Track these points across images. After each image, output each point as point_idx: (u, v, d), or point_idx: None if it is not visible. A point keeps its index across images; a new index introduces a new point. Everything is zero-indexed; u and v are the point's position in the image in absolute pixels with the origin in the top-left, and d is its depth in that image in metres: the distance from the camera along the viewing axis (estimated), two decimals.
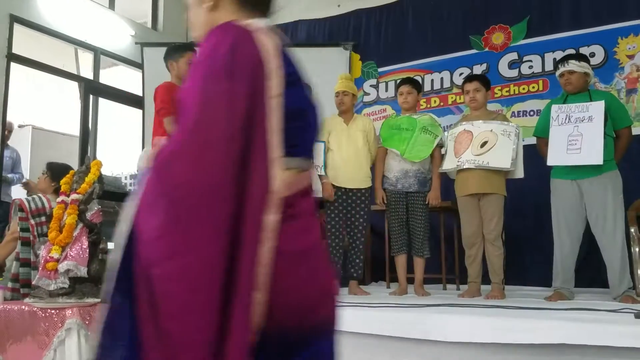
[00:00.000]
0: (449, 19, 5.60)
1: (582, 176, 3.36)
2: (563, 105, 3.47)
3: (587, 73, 3.47)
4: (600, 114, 3.27)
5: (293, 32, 6.47)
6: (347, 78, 4.12)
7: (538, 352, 2.14)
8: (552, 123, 3.45)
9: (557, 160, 3.41)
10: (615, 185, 3.35)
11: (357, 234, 3.96)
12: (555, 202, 3.52)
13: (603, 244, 3.32)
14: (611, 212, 3.28)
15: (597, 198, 3.32)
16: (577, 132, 3.31)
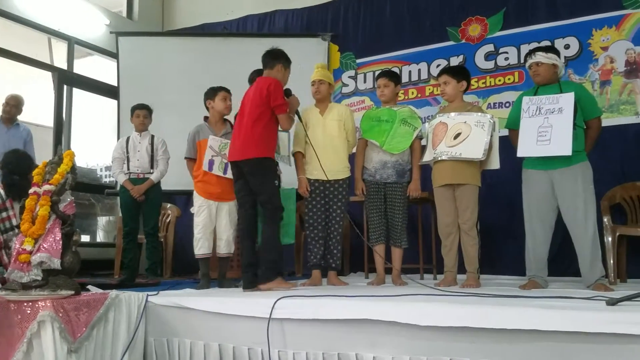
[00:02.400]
0: (426, 10, 5.63)
1: (553, 167, 3.39)
2: (534, 97, 3.49)
3: (555, 64, 3.49)
4: (570, 106, 3.29)
5: (270, 22, 6.45)
6: (322, 67, 4.12)
7: (511, 337, 2.17)
8: (522, 115, 3.47)
9: (526, 151, 3.44)
10: (586, 175, 3.38)
11: (335, 224, 3.97)
12: (526, 192, 3.55)
13: (574, 234, 3.36)
14: (582, 202, 3.32)
15: (568, 188, 3.36)
16: (547, 123, 3.33)
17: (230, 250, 3.91)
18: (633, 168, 4.41)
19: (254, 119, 3.45)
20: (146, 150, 4.77)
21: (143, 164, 4.76)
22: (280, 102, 3.44)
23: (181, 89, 5.90)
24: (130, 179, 4.73)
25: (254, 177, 3.47)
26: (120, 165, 4.77)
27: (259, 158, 3.44)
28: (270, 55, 3.63)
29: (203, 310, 2.82)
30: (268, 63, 3.61)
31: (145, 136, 4.82)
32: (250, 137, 3.45)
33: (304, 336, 2.56)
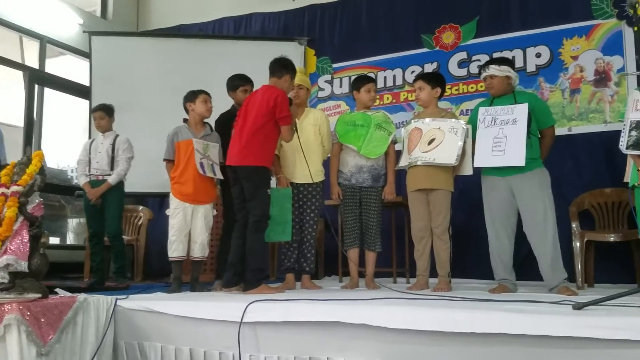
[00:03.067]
0: (401, 17, 5.68)
1: (511, 173, 3.47)
2: (489, 107, 3.58)
3: (509, 76, 3.58)
4: (523, 117, 3.39)
5: (247, 24, 6.44)
6: (301, 72, 4.13)
7: (480, 340, 2.20)
8: (479, 125, 3.56)
9: (482, 161, 3.52)
10: (543, 181, 3.47)
11: (309, 228, 3.97)
12: (486, 197, 3.63)
13: (534, 237, 3.43)
14: (541, 206, 3.39)
15: (527, 193, 3.44)
16: (502, 134, 3.43)
17: (204, 253, 3.88)
18: (601, 175, 4.51)
19: (258, 127, 3.50)
20: (106, 152, 4.64)
21: (102, 165, 4.63)
22: (286, 114, 3.50)
23: (155, 90, 5.84)
24: (90, 181, 4.62)
25: (249, 183, 3.52)
26: (84, 168, 4.66)
27: (257, 166, 3.50)
28: (280, 63, 3.67)
29: (173, 314, 2.80)
30: (277, 72, 3.66)
31: (109, 137, 4.72)
32: (251, 144, 3.50)
33: (276, 340, 2.56)
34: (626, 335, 2.00)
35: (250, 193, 3.52)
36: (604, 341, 2.04)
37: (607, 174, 4.46)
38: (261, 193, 3.50)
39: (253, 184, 3.51)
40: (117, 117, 4.99)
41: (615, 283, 4.25)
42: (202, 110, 3.93)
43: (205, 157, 3.83)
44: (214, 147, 3.90)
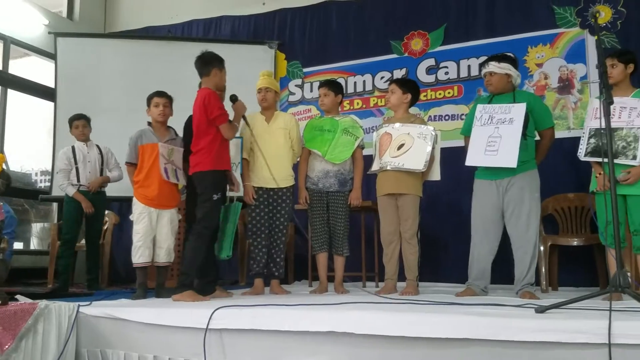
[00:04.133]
0: (370, 23, 5.72)
1: (502, 176, 3.43)
2: (487, 105, 3.51)
3: (509, 74, 3.51)
4: (520, 117, 3.32)
5: (216, 27, 6.41)
6: (268, 74, 4.10)
7: (444, 344, 2.22)
8: (475, 123, 3.49)
9: (474, 160, 3.46)
10: (532, 184, 3.43)
11: (279, 233, 3.96)
12: (475, 202, 3.57)
13: (515, 240, 3.42)
14: (526, 210, 3.37)
15: (514, 196, 3.40)
16: (497, 133, 3.35)
17: (170, 259, 3.83)
18: (565, 180, 4.60)
19: (201, 132, 3.47)
20: (97, 161, 4.72)
21: (95, 175, 4.70)
22: (217, 114, 3.42)
23: (122, 92, 5.76)
24: (80, 191, 4.63)
25: (198, 190, 3.50)
26: (67, 177, 4.64)
27: (205, 172, 3.45)
28: (202, 61, 3.58)
29: (137, 321, 2.75)
30: (203, 70, 3.58)
31: (92, 146, 4.76)
32: (199, 150, 3.47)
33: (242, 346, 2.54)
34: (585, 338, 2.04)
35: (198, 200, 3.49)
36: (565, 344, 2.08)
37: (570, 179, 4.56)
38: (206, 201, 3.44)
39: (200, 189, 3.48)
40: None
41: (578, 286, 4.34)
42: (154, 115, 3.85)
43: (169, 162, 3.78)
44: (178, 151, 3.84)
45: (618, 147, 3.21)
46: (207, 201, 3.43)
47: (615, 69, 3.34)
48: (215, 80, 3.57)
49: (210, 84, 3.56)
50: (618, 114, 3.26)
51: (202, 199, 3.45)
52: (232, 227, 3.75)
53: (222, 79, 3.64)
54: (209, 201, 3.43)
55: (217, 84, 3.59)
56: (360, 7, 5.79)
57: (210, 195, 3.43)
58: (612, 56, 3.37)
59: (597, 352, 2.03)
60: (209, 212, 3.44)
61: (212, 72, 3.55)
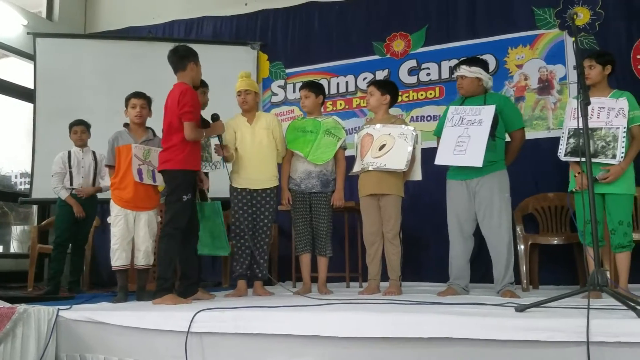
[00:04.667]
0: (352, 24, 5.73)
1: (471, 176, 3.50)
2: (459, 107, 3.59)
3: (479, 78, 3.59)
4: (489, 118, 3.39)
5: (198, 28, 6.38)
6: (247, 76, 4.05)
7: (426, 343, 2.23)
8: (446, 124, 3.56)
9: (443, 160, 3.52)
10: (502, 184, 3.50)
11: (262, 234, 3.95)
12: (449, 202, 3.65)
13: (489, 240, 3.48)
14: (497, 210, 3.44)
15: (484, 196, 3.47)
16: (466, 134, 3.42)
17: (149, 261, 3.79)
18: (545, 180, 4.66)
19: (173, 129, 3.38)
20: (91, 167, 4.78)
21: (88, 181, 4.77)
22: (186, 110, 3.32)
23: (103, 94, 5.71)
24: (72, 194, 4.70)
25: (167, 188, 3.45)
26: (61, 180, 4.71)
27: (174, 170, 3.38)
28: (177, 55, 3.49)
29: (117, 325, 2.72)
30: (178, 65, 3.48)
31: (87, 152, 4.82)
32: (169, 148, 3.39)
33: (224, 349, 2.52)
34: (564, 337, 2.06)
35: (166, 200, 3.44)
36: (544, 343, 2.09)
37: (550, 179, 4.61)
38: (173, 199, 3.37)
39: (168, 188, 3.42)
40: (64, 121, 4.92)
41: (559, 284, 4.39)
42: (131, 116, 3.82)
43: (145, 163, 3.74)
44: (156, 152, 3.76)
45: (598, 147, 3.25)
46: (176, 202, 3.36)
47: (593, 70, 3.39)
48: (191, 75, 3.49)
49: (187, 78, 3.47)
50: (597, 114, 3.30)
51: (172, 199, 3.38)
52: (220, 227, 3.72)
53: (198, 73, 3.56)
54: (178, 202, 3.36)
55: (193, 79, 3.51)
56: (342, 8, 5.80)
57: (180, 195, 3.36)
58: (590, 57, 3.42)
59: (576, 350, 2.04)
60: (179, 212, 3.37)
61: (189, 66, 3.47)
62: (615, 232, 3.28)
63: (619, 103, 3.30)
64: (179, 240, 3.37)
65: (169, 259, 3.33)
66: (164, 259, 3.34)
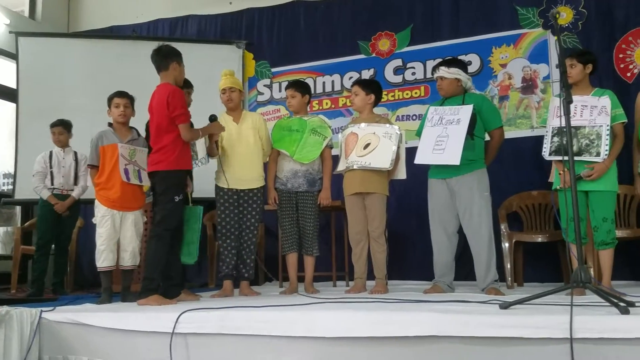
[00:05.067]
0: (338, 23, 5.73)
1: (451, 175, 3.54)
2: (439, 107, 3.64)
3: (458, 79, 3.63)
4: (467, 117, 3.45)
5: (183, 26, 6.34)
6: (231, 74, 4.03)
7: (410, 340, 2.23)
8: (426, 124, 3.62)
9: (422, 159, 3.56)
10: (481, 182, 3.54)
11: (249, 234, 3.93)
12: (430, 201, 3.69)
13: (470, 238, 3.53)
14: (477, 208, 3.48)
15: (465, 195, 3.52)
16: (445, 133, 3.47)
17: (135, 262, 3.76)
18: (528, 178, 4.69)
19: (163, 130, 3.36)
20: (72, 167, 4.76)
21: (68, 180, 4.76)
22: (179, 113, 3.32)
23: (86, 93, 5.64)
24: (54, 194, 4.68)
25: (158, 190, 3.43)
26: (42, 180, 4.71)
27: (165, 171, 3.37)
28: (160, 55, 3.47)
29: (101, 326, 2.70)
30: (161, 65, 3.46)
31: (69, 152, 4.80)
32: (159, 149, 3.38)
33: (209, 349, 2.51)
34: (548, 333, 2.08)
35: (155, 199, 3.43)
36: (528, 339, 2.11)
37: (534, 177, 4.65)
38: (165, 199, 3.36)
39: (160, 189, 3.40)
40: (47, 120, 4.86)
41: (543, 282, 4.42)
42: (114, 116, 3.79)
43: (131, 163, 3.72)
44: (142, 151, 3.76)
45: (582, 145, 3.29)
46: (168, 202, 3.35)
47: (574, 68, 3.42)
48: (174, 75, 3.47)
49: (170, 78, 3.45)
50: (580, 112, 3.33)
51: (163, 200, 3.37)
52: (196, 233, 3.68)
53: (181, 73, 3.54)
54: (170, 202, 3.35)
55: (176, 79, 3.49)
56: (328, 8, 5.79)
57: (172, 196, 3.35)
58: (571, 56, 3.46)
59: (560, 346, 2.06)
60: (170, 213, 3.36)
61: (172, 66, 3.45)
62: (599, 229, 3.31)
63: (602, 101, 3.33)
64: (168, 242, 3.35)
65: (157, 260, 3.30)
66: (152, 260, 3.32)
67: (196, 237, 3.66)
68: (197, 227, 3.66)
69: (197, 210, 3.69)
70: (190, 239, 3.64)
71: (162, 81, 3.48)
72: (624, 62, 4.68)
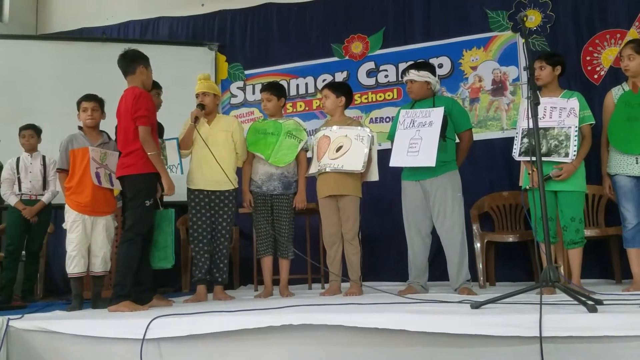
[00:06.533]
0: (311, 25, 5.75)
1: (425, 177, 3.58)
2: (410, 110, 3.68)
3: (428, 81, 3.68)
4: (438, 120, 3.49)
5: (154, 28, 6.28)
6: (206, 78, 4.03)
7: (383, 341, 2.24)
8: (398, 127, 3.65)
9: (397, 161, 3.60)
10: (454, 184, 3.59)
11: (222, 237, 3.91)
12: (404, 202, 3.72)
13: (443, 239, 3.57)
14: (450, 209, 3.53)
15: (438, 196, 3.56)
16: (418, 136, 3.51)
17: (106, 268, 3.70)
18: (499, 179, 4.77)
19: (131, 134, 3.32)
20: (39, 172, 4.70)
21: (36, 185, 4.69)
22: (140, 114, 3.29)
23: (55, 96, 5.54)
24: (22, 200, 4.62)
25: (128, 194, 3.38)
26: (10, 186, 4.65)
27: (136, 175, 3.32)
28: (127, 59, 3.45)
29: (71, 334, 2.64)
30: (128, 69, 3.44)
31: (37, 157, 4.73)
32: (129, 153, 3.33)
33: (182, 355, 2.48)
34: (518, 332, 2.10)
35: (126, 204, 3.39)
36: (499, 338, 2.13)
37: (505, 178, 4.72)
38: (136, 204, 3.31)
39: (130, 193, 3.36)
40: (15, 125, 4.79)
41: (515, 281, 4.49)
42: (83, 120, 3.75)
43: (102, 167, 3.66)
44: (112, 155, 3.70)
45: (551, 146, 3.34)
46: (139, 207, 3.30)
47: (543, 71, 3.49)
48: (142, 79, 3.44)
49: (137, 82, 3.42)
50: (549, 114, 3.39)
51: (134, 205, 3.32)
52: (169, 236, 3.63)
53: (148, 77, 3.51)
54: (141, 207, 3.30)
55: (143, 83, 3.46)
56: (301, 10, 5.80)
57: (143, 201, 3.31)
58: (540, 59, 3.52)
59: (530, 345, 2.08)
60: (141, 218, 3.32)
61: (138, 70, 3.42)
62: (568, 228, 3.37)
63: (570, 103, 3.40)
64: (140, 247, 3.31)
65: (128, 265, 3.25)
66: (123, 265, 3.26)
67: (170, 240, 3.62)
68: (170, 230, 3.62)
69: (169, 213, 3.65)
70: (164, 242, 3.59)
71: (129, 85, 3.45)
72: (591, 65, 4.78)
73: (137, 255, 3.29)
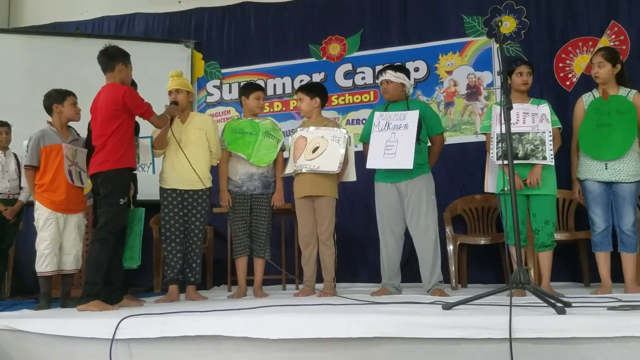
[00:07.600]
0: (289, 26, 5.74)
1: (400, 179, 3.61)
2: (384, 112, 3.71)
3: (404, 84, 3.72)
4: (414, 123, 3.53)
5: (129, 24, 6.20)
6: (178, 75, 3.99)
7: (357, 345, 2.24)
8: (373, 129, 3.67)
9: (374, 164, 3.63)
10: (428, 186, 3.64)
11: (194, 237, 3.88)
12: (378, 204, 3.74)
13: (417, 241, 3.60)
14: (424, 211, 3.57)
15: (413, 198, 3.59)
16: (394, 138, 3.55)
17: (78, 266, 3.64)
18: (472, 182, 4.81)
19: (112, 130, 3.27)
20: (15, 171, 4.62)
21: (13, 184, 4.61)
22: (144, 109, 3.37)
23: (27, 91, 5.40)
24: (0, 200, 4.53)
25: (102, 192, 3.31)
26: None
27: (111, 170, 3.27)
28: (107, 56, 3.41)
29: (38, 333, 2.59)
30: (107, 66, 3.40)
31: (10, 155, 4.64)
32: (102, 149, 3.28)
33: (152, 356, 2.45)
34: (488, 334, 2.12)
35: (101, 203, 3.32)
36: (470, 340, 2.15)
37: (477, 181, 4.72)
38: (110, 201, 3.26)
39: (104, 191, 3.30)
40: None
41: (486, 283, 4.55)
42: (71, 114, 3.70)
43: (74, 164, 3.61)
44: (82, 152, 3.66)
45: (527, 150, 3.40)
46: (113, 205, 3.25)
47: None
48: (121, 76, 3.40)
49: (116, 79, 3.39)
50: (522, 119, 3.45)
51: (109, 202, 3.26)
52: (138, 236, 3.58)
53: (127, 74, 3.48)
54: (115, 205, 3.25)
55: (122, 80, 3.42)
56: (279, 10, 5.79)
57: (117, 199, 3.26)
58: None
59: (500, 346, 2.11)
60: (115, 216, 3.26)
61: (117, 68, 3.38)
62: (540, 231, 3.43)
63: (541, 109, 3.47)
64: (112, 246, 3.25)
65: (99, 264, 3.20)
66: (94, 264, 3.20)
67: (138, 240, 3.58)
68: (138, 229, 3.58)
69: (138, 212, 3.60)
70: (132, 242, 3.55)
71: (107, 81, 3.40)
72: (564, 71, 4.88)
73: (108, 254, 3.24)
